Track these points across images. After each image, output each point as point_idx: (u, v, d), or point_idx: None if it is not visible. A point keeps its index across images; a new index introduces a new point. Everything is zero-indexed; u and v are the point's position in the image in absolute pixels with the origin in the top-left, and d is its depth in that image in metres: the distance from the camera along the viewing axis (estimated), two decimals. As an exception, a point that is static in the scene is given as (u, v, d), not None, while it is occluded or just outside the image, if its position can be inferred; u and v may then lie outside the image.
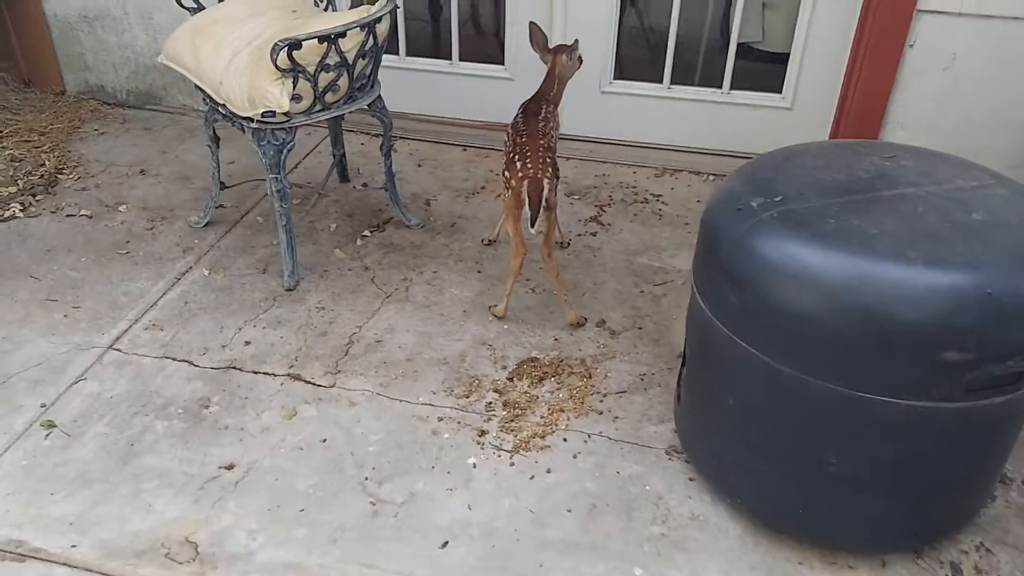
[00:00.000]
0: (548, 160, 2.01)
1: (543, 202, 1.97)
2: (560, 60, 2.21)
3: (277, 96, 2.04)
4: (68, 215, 2.66)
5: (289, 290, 2.32)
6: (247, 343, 2.12)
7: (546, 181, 1.97)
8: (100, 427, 1.85)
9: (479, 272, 2.43)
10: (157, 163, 2.99)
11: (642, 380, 2.04)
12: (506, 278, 2.18)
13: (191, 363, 2.05)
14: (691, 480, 1.76)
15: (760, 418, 1.49)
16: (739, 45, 2.98)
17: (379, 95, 2.40)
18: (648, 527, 1.65)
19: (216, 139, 2.47)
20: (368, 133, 3.18)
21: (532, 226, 1.99)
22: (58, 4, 3.29)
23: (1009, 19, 2.48)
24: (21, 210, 2.68)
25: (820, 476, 1.46)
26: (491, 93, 3.17)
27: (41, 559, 1.56)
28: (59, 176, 2.89)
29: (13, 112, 3.29)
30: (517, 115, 2.17)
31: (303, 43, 2.00)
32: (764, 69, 3.12)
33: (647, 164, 3.06)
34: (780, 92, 2.98)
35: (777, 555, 1.60)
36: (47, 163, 2.95)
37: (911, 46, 2.60)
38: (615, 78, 3.11)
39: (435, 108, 3.25)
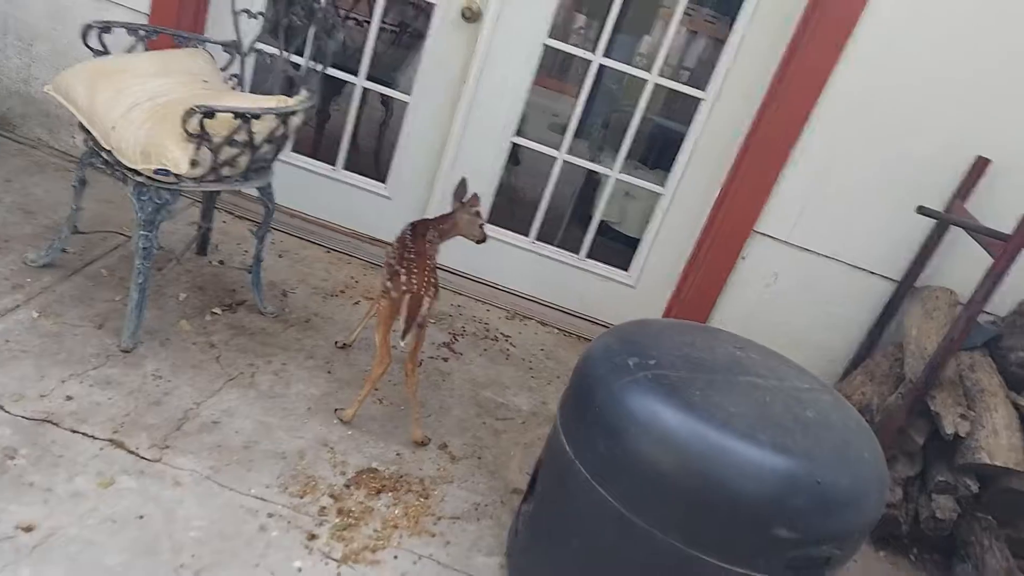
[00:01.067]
0: (433, 280, 2.09)
1: (419, 319, 2.03)
2: (466, 213, 2.28)
3: (177, 157, 2.00)
4: None
5: (125, 351, 2.18)
6: (69, 398, 1.96)
7: (427, 299, 2.04)
8: None
9: (329, 372, 2.41)
10: (-3, 188, 2.77)
11: (476, 509, 2.07)
12: (364, 384, 2.18)
13: (2, 408, 1.85)
14: (514, 617, 1.78)
15: (602, 563, 1.56)
16: (600, 222, 3.27)
17: (270, 182, 2.41)
18: (469, 659, 1.64)
19: (84, 182, 2.35)
20: (233, 213, 3.13)
21: (403, 338, 2.03)
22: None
23: (821, 256, 2.93)
24: None
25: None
26: (366, 206, 3.25)
27: None
28: None
29: None
30: (406, 230, 2.24)
31: (217, 114, 2.00)
32: (618, 248, 3.43)
33: (499, 306, 3.21)
34: (628, 270, 3.28)
35: None
36: None
37: (743, 259, 2.98)
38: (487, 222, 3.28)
39: (309, 207, 3.27)
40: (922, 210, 2.23)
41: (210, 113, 1.98)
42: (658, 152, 3.56)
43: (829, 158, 2.78)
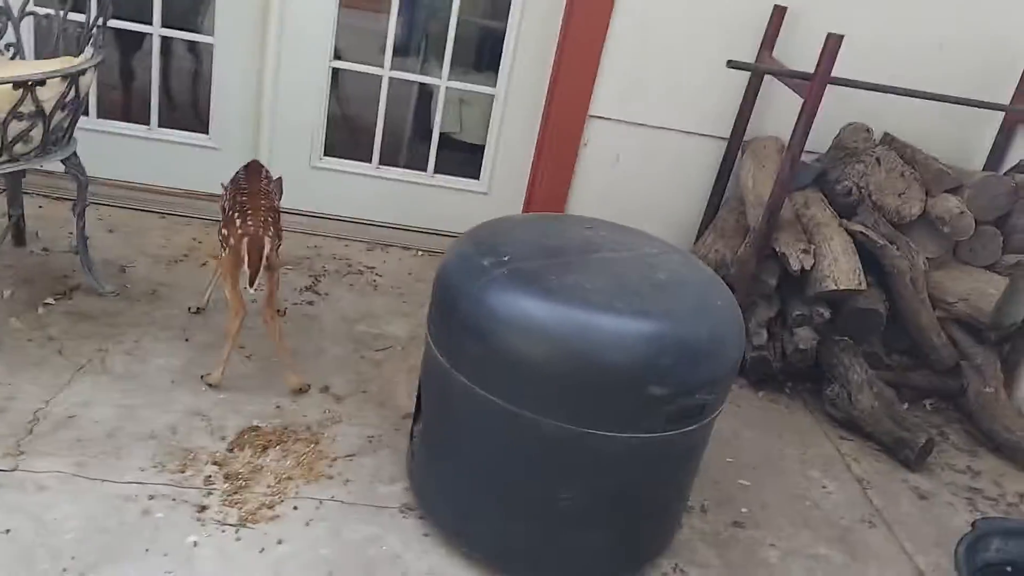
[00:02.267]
0: (270, 219, 1.98)
1: (264, 260, 1.92)
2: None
3: (-49, 138, 1.78)
4: None
5: (-48, 365, 1.98)
6: None
7: (267, 239, 1.93)
8: None
9: (187, 340, 2.29)
10: None
11: (370, 442, 2.04)
12: (224, 343, 2.07)
13: None
14: (426, 535, 1.78)
15: (496, 462, 1.58)
16: (441, 135, 3.20)
17: (75, 151, 2.20)
18: (388, 588, 1.64)
19: None
20: (49, 196, 2.86)
21: (251, 285, 1.92)
22: None
23: (655, 128, 2.99)
24: None
25: (551, 514, 1.57)
26: (194, 161, 3.05)
27: None
28: None
29: None
30: (239, 172, 2.12)
31: (-11, 83, 1.79)
32: (464, 158, 3.38)
33: (359, 239, 3.12)
34: (478, 178, 3.24)
35: (510, 598, 1.67)
36: None
37: (585, 144, 3.00)
38: (325, 155, 3.15)
39: (130, 174, 3.03)
40: (732, 64, 2.29)
41: (-20, 85, 1.76)
42: (487, 54, 3.48)
43: (643, 31, 2.81)
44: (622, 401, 1.46)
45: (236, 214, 1.96)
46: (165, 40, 2.97)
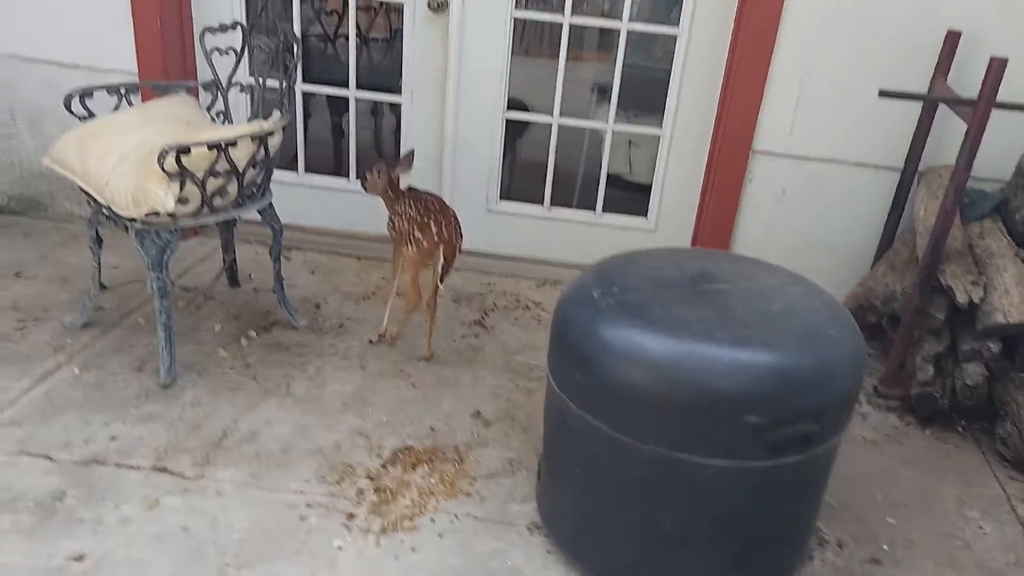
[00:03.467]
0: (459, 227, 2.44)
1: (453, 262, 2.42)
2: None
3: (162, 197, 2.13)
4: (-69, 314, 2.61)
5: (165, 387, 2.34)
6: (113, 438, 2.11)
7: (458, 246, 2.44)
8: (-60, 519, 1.79)
9: (362, 369, 2.52)
10: (34, 267, 2.99)
11: (511, 464, 2.13)
12: (402, 313, 2.56)
13: (49, 458, 2.01)
14: (549, 553, 1.83)
15: (603, 484, 1.61)
16: (610, 175, 3.29)
17: (270, 203, 2.53)
18: (501, 601, 1.71)
19: (99, 240, 2.52)
20: (265, 243, 3.26)
21: (441, 282, 2.44)
22: (-59, 106, 3.33)
23: (822, 160, 2.87)
24: None
25: (654, 536, 1.58)
26: (385, 210, 3.34)
27: None
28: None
29: None
30: (405, 193, 2.51)
31: (192, 149, 2.12)
32: (632, 196, 3.43)
33: (529, 276, 3.26)
34: (646, 216, 3.28)
35: (627, 624, 1.67)
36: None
37: (750, 181, 2.95)
38: (501, 199, 3.34)
39: (331, 221, 3.40)
40: (884, 93, 2.17)
41: (184, 150, 2.10)
42: (655, 97, 3.54)
43: (806, 63, 2.75)
44: (718, 428, 1.45)
45: (430, 220, 2.39)
46: (376, 102, 3.30)
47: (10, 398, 2.23)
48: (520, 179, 3.81)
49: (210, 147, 2.15)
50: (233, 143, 2.20)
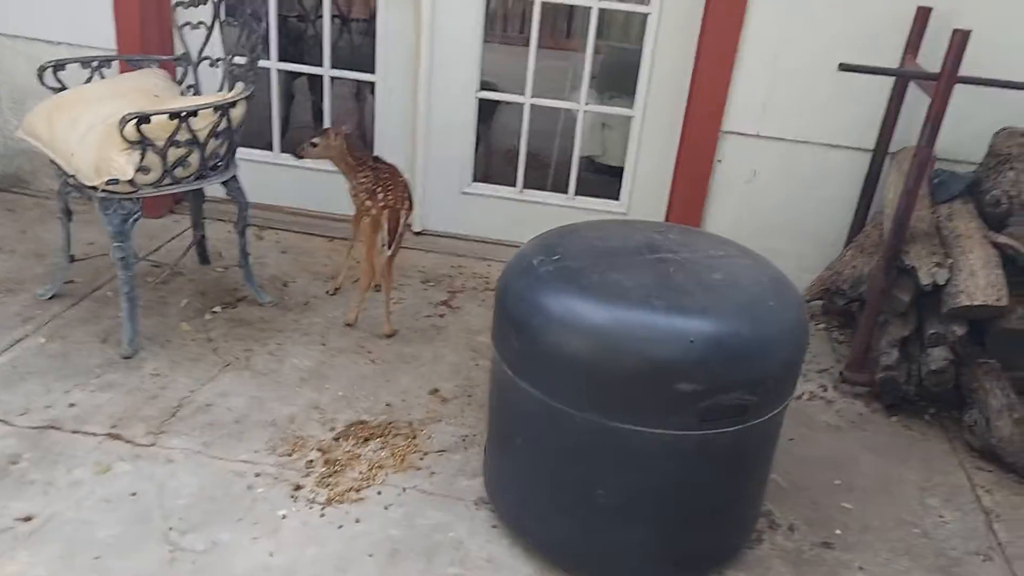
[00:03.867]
0: (406, 195, 2.45)
1: (400, 229, 2.41)
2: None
3: (122, 165, 2.14)
4: (-96, 284, 2.63)
5: (126, 358, 2.35)
6: (72, 405, 2.13)
7: (403, 212, 2.42)
8: None
9: (323, 345, 2.53)
10: (12, 242, 3.00)
11: (463, 440, 2.14)
12: (358, 292, 2.58)
13: (7, 423, 2.03)
14: (493, 527, 1.84)
15: (541, 455, 1.62)
16: (583, 158, 3.28)
17: (235, 176, 2.53)
18: (445, 569, 1.72)
19: (68, 212, 2.53)
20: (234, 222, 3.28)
21: (389, 248, 2.42)
22: (-72, 83, 3.33)
23: (793, 142, 2.87)
24: None
25: (592, 509, 1.58)
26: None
27: None
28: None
29: None
30: (368, 161, 2.54)
31: (152, 118, 2.13)
32: (606, 179, 3.43)
33: (501, 259, 3.25)
34: (618, 199, 3.28)
35: (564, 593, 1.69)
36: None
37: (719, 161, 2.95)
38: (474, 180, 3.34)
39: (304, 202, 3.40)
40: (844, 67, 2.16)
41: (144, 119, 2.11)
42: (629, 78, 3.54)
43: (777, 42, 2.73)
44: (651, 396, 1.45)
45: (378, 188, 2.42)
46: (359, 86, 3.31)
47: (-27, 367, 2.25)
48: (494, 162, 3.81)
49: (171, 116, 2.16)
50: (194, 113, 2.21)
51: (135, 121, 2.11)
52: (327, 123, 3.37)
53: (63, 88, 2.47)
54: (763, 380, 1.49)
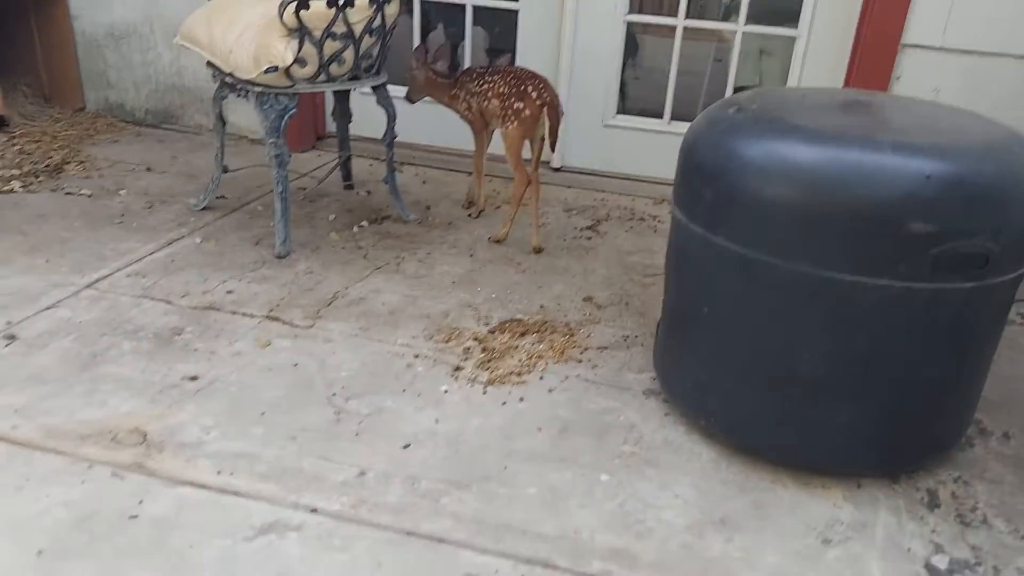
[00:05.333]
0: (555, 92, 2.36)
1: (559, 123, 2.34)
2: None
3: (281, 51, 2.12)
4: (67, 193, 2.72)
5: (280, 257, 2.34)
6: (229, 292, 2.12)
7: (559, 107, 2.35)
8: (64, 342, 1.83)
9: (471, 256, 2.45)
10: (165, 164, 3.08)
11: (624, 340, 2.01)
12: (511, 207, 2.48)
13: (168, 302, 2.04)
14: (667, 415, 1.70)
15: (735, 323, 1.46)
16: (737, 89, 3.10)
17: (385, 83, 2.49)
18: (620, 447, 1.59)
19: (222, 120, 2.55)
20: (378, 158, 3.26)
21: (553, 149, 2.42)
22: (87, 22, 3.47)
23: (987, 54, 2.59)
24: (21, 187, 2.73)
25: (792, 382, 1.42)
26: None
27: (-21, 436, 1.51)
28: (64, 167, 2.96)
29: (29, 119, 3.40)
30: (484, 66, 2.50)
31: (311, 5, 2.10)
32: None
33: (646, 195, 3.12)
34: (775, 129, 3.07)
35: (750, 475, 1.53)
36: (54, 157, 3.02)
37: (898, 79, 2.70)
38: (618, 112, 3.21)
39: (443, 139, 3.35)
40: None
41: (304, 4, 2.08)
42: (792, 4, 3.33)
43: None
44: (877, 239, 1.27)
45: (528, 87, 2.31)
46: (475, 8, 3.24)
47: (137, 257, 2.28)
48: (640, 95, 3.66)
49: (329, 4, 2.12)
50: (351, 3, 2.17)
51: (295, 6, 2.08)
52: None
53: (221, -4, 2.48)
54: (1006, 226, 1.29)
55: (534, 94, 2.32)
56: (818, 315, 1.36)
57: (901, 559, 1.36)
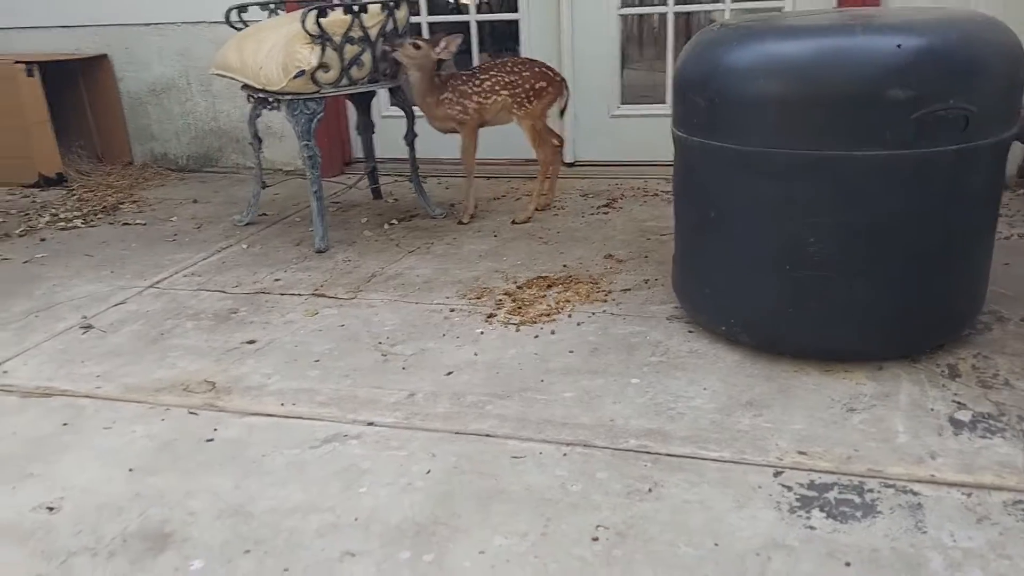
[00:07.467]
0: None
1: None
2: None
3: (306, 55, 2.33)
4: (124, 224, 2.94)
5: (320, 251, 2.51)
6: (277, 280, 2.29)
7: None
8: (135, 327, 2.01)
9: (495, 236, 2.60)
10: (209, 196, 3.30)
11: (646, 283, 2.13)
12: (539, 180, 2.72)
13: (222, 291, 2.22)
14: (691, 332, 1.82)
15: (741, 221, 1.58)
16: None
17: (401, 85, 2.69)
18: (647, 358, 1.71)
19: (259, 139, 2.76)
20: (402, 174, 3.44)
21: (562, 115, 2.66)
22: (131, 82, 3.76)
23: None
24: (83, 223, 2.97)
25: (803, 266, 1.52)
26: (508, 132, 3.44)
27: (66, 395, 1.67)
28: (119, 206, 3.19)
29: (84, 175, 3.67)
30: (473, 67, 2.71)
31: (328, 13, 2.32)
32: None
33: (657, 177, 3.25)
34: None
35: (774, 368, 1.63)
36: (110, 200, 3.27)
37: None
38: (622, 103, 3.37)
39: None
40: None
41: (323, 12, 2.30)
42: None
43: None
44: (858, 112, 1.39)
45: (541, 68, 2.57)
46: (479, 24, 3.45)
47: (191, 263, 2.48)
48: (639, 84, 3.82)
49: (345, 11, 2.33)
50: (364, 9, 2.38)
51: (316, 14, 2.29)
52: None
53: (246, 26, 2.72)
54: (980, 88, 1.40)
55: (549, 73, 2.57)
56: (816, 194, 1.47)
57: (925, 416, 1.45)
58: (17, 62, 3.33)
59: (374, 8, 2.41)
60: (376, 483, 1.33)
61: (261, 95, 2.52)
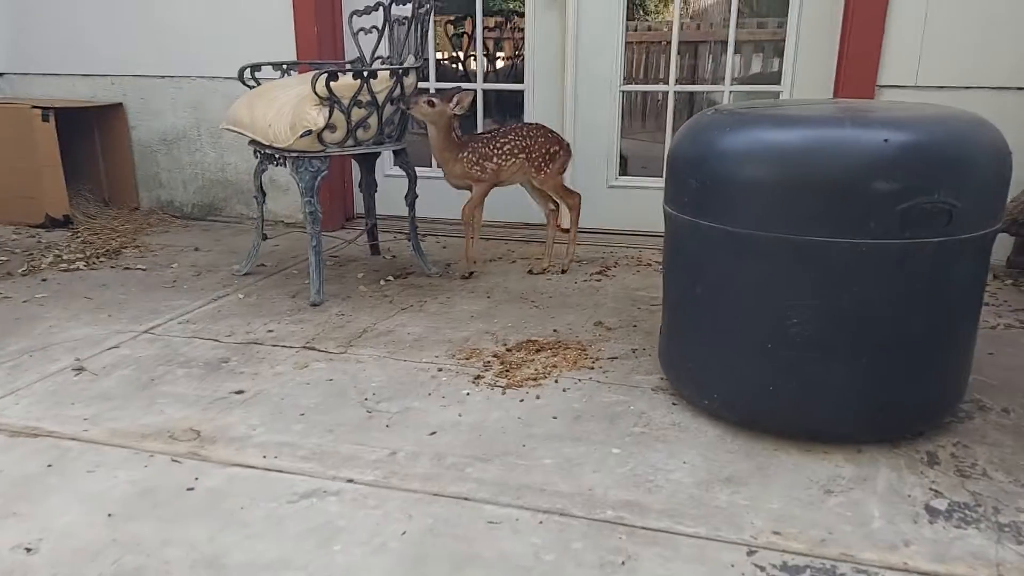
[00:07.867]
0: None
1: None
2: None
3: (314, 116, 2.40)
4: (125, 268, 2.98)
5: (314, 304, 2.54)
6: (270, 331, 2.32)
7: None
8: (126, 371, 2.03)
9: (488, 297, 2.64)
10: (210, 245, 3.35)
11: (633, 352, 2.16)
12: (571, 224, 2.93)
13: (215, 340, 2.24)
14: (674, 404, 1.84)
15: (726, 296, 1.61)
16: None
17: (405, 148, 2.76)
18: (630, 428, 1.72)
19: (263, 191, 2.82)
20: (401, 231, 3.51)
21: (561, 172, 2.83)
22: (143, 131, 3.85)
23: (959, 88, 2.81)
24: (84, 265, 3.01)
25: (785, 345, 1.55)
26: (510, 195, 3.52)
27: (53, 436, 1.68)
28: (122, 251, 3.25)
29: (90, 218, 3.74)
30: (490, 130, 2.78)
31: (339, 76, 2.40)
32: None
33: (652, 247, 3.31)
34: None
35: (754, 445, 1.65)
36: (113, 244, 3.32)
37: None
38: (620, 174, 3.46)
39: (458, 212, 3.58)
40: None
41: (333, 75, 2.38)
42: (773, 56, 3.61)
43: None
44: (847, 201, 1.43)
45: (549, 133, 2.78)
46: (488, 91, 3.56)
47: (187, 310, 2.51)
48: (639, 157, 3.92)
49: (355, 76, 2.42)
50: (374, 75, 2.46)
51: (326, 77, 2.37)
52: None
53: (258, 84, 2.80)
54: (965, 184, 1.45)
55: (559, 137, 2.80)
56: (801, 278, 1.51)
57: (901, 503, 1.46)
58: (35, 107, 3.42)
59: (383, 74, 2.49)
60: (351, 542, 1.34)
61: (268, 151, 2.58)
